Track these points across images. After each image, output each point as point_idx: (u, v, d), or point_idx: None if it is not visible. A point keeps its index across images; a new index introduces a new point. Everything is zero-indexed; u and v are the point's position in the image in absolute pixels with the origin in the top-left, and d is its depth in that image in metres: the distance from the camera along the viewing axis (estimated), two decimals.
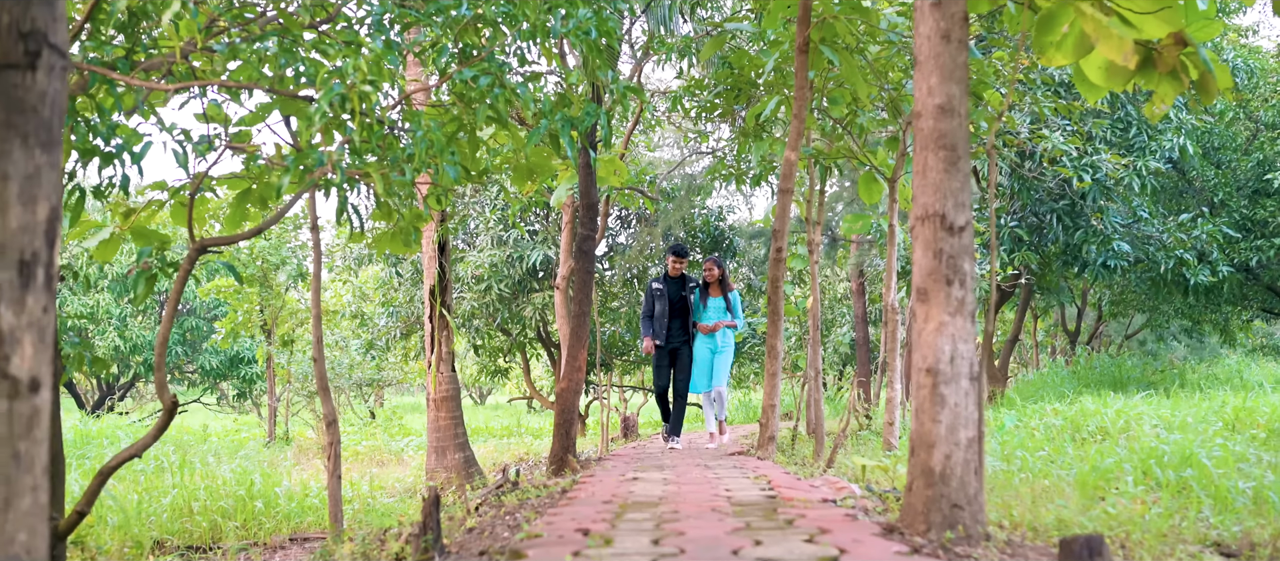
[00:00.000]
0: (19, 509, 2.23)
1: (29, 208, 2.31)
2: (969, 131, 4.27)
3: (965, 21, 4.19)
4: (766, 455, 8.33)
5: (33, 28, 2.35)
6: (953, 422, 3.94)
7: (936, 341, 3.99)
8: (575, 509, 4.72)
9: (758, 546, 3.40)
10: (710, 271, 10.63)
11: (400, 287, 18.80)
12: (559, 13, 5.85)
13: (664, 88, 16.66)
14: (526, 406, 31.69)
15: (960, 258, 4.03)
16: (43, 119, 2.35)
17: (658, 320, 10.68)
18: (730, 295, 10.60)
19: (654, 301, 10.72)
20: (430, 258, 10.76)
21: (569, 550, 3.38)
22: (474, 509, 5.78)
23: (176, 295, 5.53)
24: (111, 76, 4.82)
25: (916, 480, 3.99)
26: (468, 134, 6.21)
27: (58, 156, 2.39)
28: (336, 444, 7.04)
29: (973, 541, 3.80)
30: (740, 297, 10.82)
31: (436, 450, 10.91)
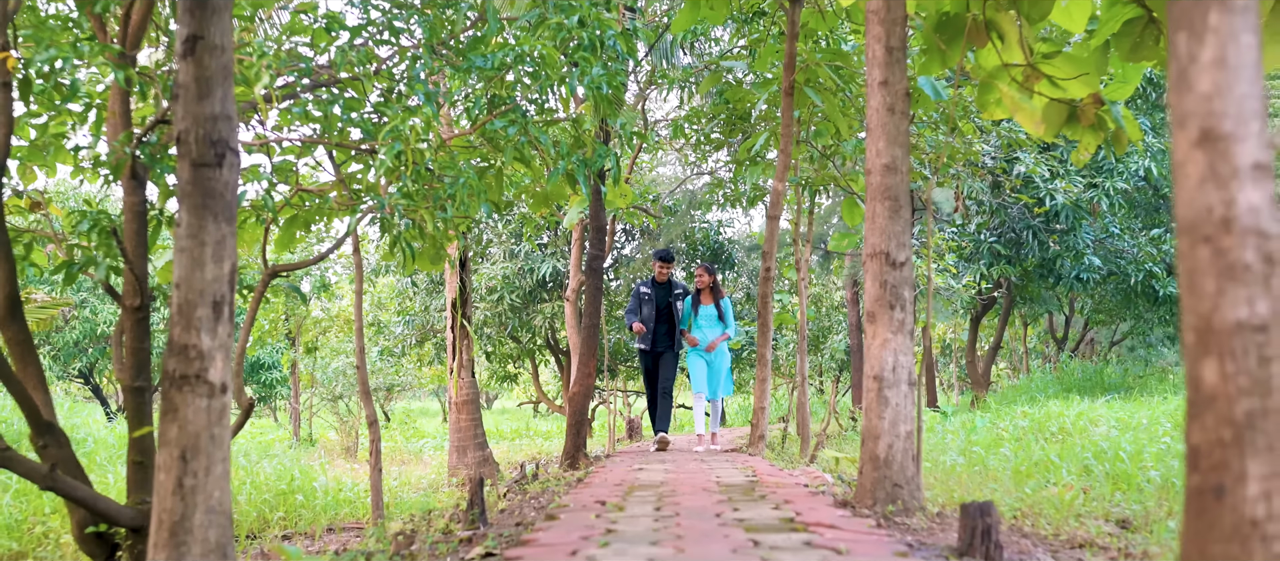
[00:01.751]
0: (215, 474, 3.26)
1: (218, 264, 3.35)
2: (909, 184, 5.26)
3: (907, 97, 5.21)
4: (757, 452, 9.36)
5: (220, 137, 3.38)
6: (894, 419, 4.95)
7: (881, 354, 5.01)
8: (591, 490, 5.76)
9: (735, 511, 4.42)
10: (701, 278, 10.81)
11: (416, 297, 19.85)
12: (576, 71, 6.86)
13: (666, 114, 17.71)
14: (533, 410, 32.66)
15: (901, 287, 5.05)
16: (226, 201, 3.39)
17: (644, 322, 10.83)
18: (722, 302, 10.83)
19: (640, 304, 10.90)
20: (452, 273, 11.79)
21: (591, 514, 4.41)
22: (503, 495, 6.82)
23: (253, 313, 6.60)
24: None
25: (865, 465, 5.00)
26: (495, 172, 7.23)
27: (235, 227, 3.44)
28: (377, 441, 8.06)
29: (909, 513, 4.80)
30: (732, 304, 11.39)
31: (458, 449, 11.95)
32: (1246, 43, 1.62)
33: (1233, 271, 1.62)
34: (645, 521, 4.14)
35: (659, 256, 10.91)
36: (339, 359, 20.17)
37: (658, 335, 10.89)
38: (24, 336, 5.92)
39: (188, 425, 3.22)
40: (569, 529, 3.97)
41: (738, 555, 3.13)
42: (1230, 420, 1.61)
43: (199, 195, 3.32)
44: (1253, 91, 1.63)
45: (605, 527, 3.94)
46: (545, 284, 18.93)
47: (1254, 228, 1.62)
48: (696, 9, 8.97)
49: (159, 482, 3.25)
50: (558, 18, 6.75)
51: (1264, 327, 1.62)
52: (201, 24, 3.40)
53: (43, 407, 5.77)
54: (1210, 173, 1.63)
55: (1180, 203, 1.71)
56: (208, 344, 3.27)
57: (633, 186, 13.60)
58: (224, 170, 3.36)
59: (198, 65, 3.37)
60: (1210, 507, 1.63)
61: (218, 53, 3.40)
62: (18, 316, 5.92)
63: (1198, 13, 1.65)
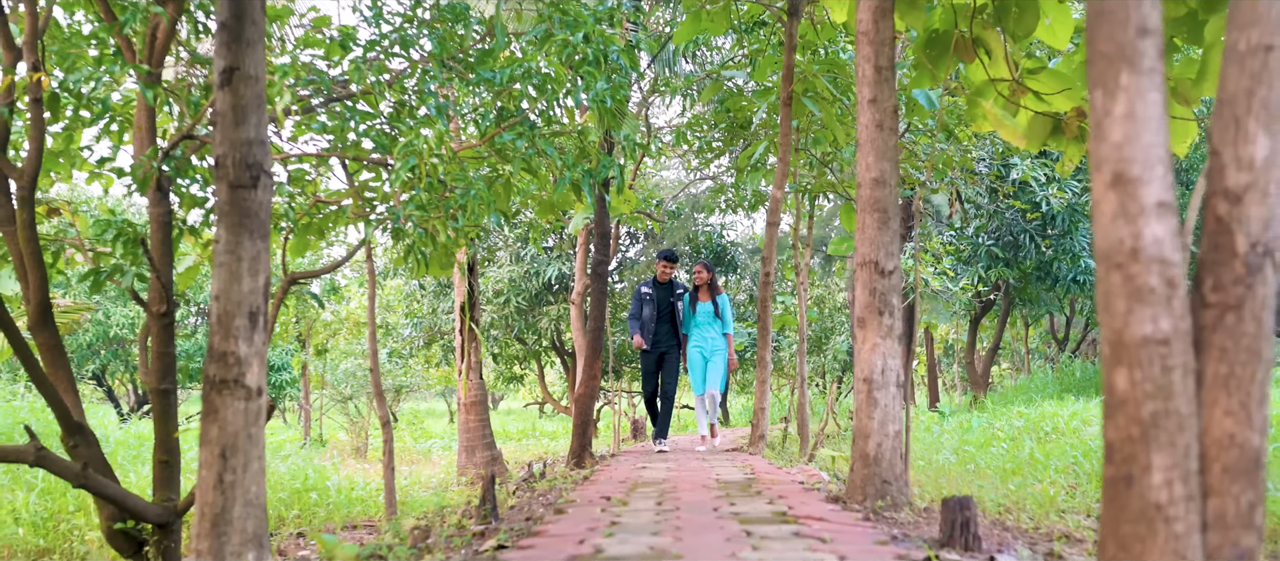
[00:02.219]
0: (252, 470, 3.55)
1: (253, 278, 3.64)
2: (897, 197, 5.55)
3: (895, 114, 5.49)
4: (757, 451, 9.65)
5: (254, 160, 3.66)
6: (883, 419, 5.24)
7: (871, 358, 5.29)
8: (597, 486, 6.05)
9: (732, 505, 4.71)
10: (699, 275, 10.79)
11: (423, 300, 20.17)
12: (581, 85, 7.14)
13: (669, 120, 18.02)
14: (539, 411, 32.95)
15: (889, 294, 5.34)
16: (260, 220, 3.68)
17: (645, 324, 10.77)
18: (719, 298, 10.80)
19: (642, 304, 10.83)
20: (460, 277, 12.09)
21: (597, 508, 4.70)
22: (512, 493, 7.11)
23: (273, 320, 6.88)
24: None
25: (856, 463, 5.29)
26: (503, 182, 7.52)
27: (268, 243, 3.73)
28: (390, 441, 8.36)
29: (897, 508, 5.09)
30: (730, 301, 11.35)
31: (466, 449, 12.25)
32: (1152, 99, 1.90)
33: (1140, 294, 1.90)
34: (647, 514, 4.43)
35: (663, 256, 10.84)
36: (348, 360, 20.48)
37: (660, 335, 10.86)
38: (55, 341, 6.23)
39: (227, 425, 3.50)
40: (576, 522, 4.26)
41: (731, 543, 3.42)
42: (1138, 420, 1.89)
43: (236, 214, 3.61)
44: (1158, 140, 1.91)
45: (610, 520, 4.24)
46: (551, 287, 19.23)
47: (1158, 257, 1.90)
48: (698, 21, 9.26)
49: (201, 478, 3.54)
50: (563, 34, 7.02)
51: (1166, 341, 1.90)
52: (237, 56, 3.68)
53: (73, 409, 6.07)
54: (1121, 210, 1.92)
55: (1097, 235, 1.99)
56: (245, 351, 3.56)
57: (636, 192, 13.88)
58: (258, 191, 3.65)
59: (234, 94, 3.66)
60: (1122, 494, 1.91)
61: (252, 82, 3.69)
62: (49, 322, 6.23)
63: (1111, 73, 1.93)
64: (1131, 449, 1.90)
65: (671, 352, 10.85)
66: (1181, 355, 1.90)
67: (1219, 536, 1.89)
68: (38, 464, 5.69)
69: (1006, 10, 6.06)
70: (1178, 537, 1.86)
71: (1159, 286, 1.90)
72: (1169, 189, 1.92)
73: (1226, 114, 1.94)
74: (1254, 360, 1.90)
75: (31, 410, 15.14)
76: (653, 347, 10.82)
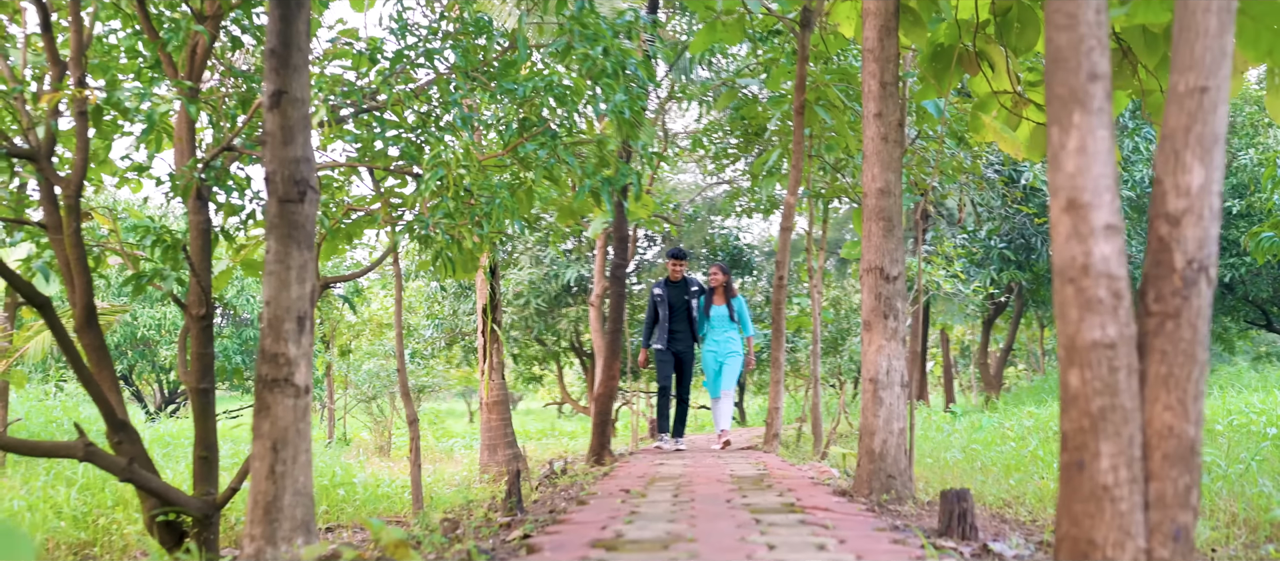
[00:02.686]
0: (300, 462, 3.85)
1: (301, 285, 3.94)
2: (902, 206, 5.82)
3: (900, 127, 5.77)
4: (770, 449, 9.94)
5: (301, 177, 3.97)
6: (888, 417, 5.52)
7: (877, 359, 5.58)
8: (617, 481, 6.36)
9: (744, 498, 5.00)
10: (715, 277, 10.73)
11: (445, 301, 20.53)
12: (600, 96, 7.44)
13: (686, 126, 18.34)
14: (558, 411, 33.29)
15: (894, 298, 5.62)
16: (307, 232, 3.98)
17: (660, 325, 10.67)
18: (734, 301, 10.71)
19: (656, 307, 10.71)
20: (482, 280, 12.41)
21: (617, 500, 5.01)
22: (535, 488, 7.42)
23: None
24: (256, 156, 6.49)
25: (862, 459, 5.58)
26: (525, 189, 7.82)
27: (314, 253, 4.04)
28: (417, 439, 8.69)
29: (901, 501, 5.37)
30: (746, 303, 11.17)
31: (489, 447, 12.58)
32: (1101, 135, 2.19)
33: (1090, 304, 2.18)
34: (664, 505, 4.73)
35: (672, 254, 10.74)
36: (371, 361, 20.85)
37: (676, 334, 10.73)
38: (100, 342, 6.55)
39: (278, 421, 3.81)
40: (598, 511, 4.56)
41: (741, 529, 3.71)
42: (1088, 413, 2.17)
43: (285, 227, 3.92)
44: (1106, 171, 2.19)
45: (630, 510, 4.54)
46: (570, 289, 19.56)
47: (1105, 272, 2.18)
48: (713, 31, 9.55)
49: (254, 470, 3.85)
50: (584, 48, 7.32)
51: (1113, 345, 2.18)
52: (285, 80, 4.00)
53: (117, 407, 6.39)
54: (1074, 231, 2.20)
55: (1054, 253, 2.27)
56: (294, 352, 3.88)
57: (653, 196, 14.18)
58: (305, 205, 3.97)
59: (282, 116, 3.98)
60: (1074, 477, 2.19)
61: (299, 104, 4.00)
62: (94, 324, 6.56)
63: (1065, 113, 2.21)
64: (1083, 438, 2.18)
65: (687, 352, 10.76)
66: (1126, 357, 2.18)
67: (1159, 514, 2.17)
68: (87, 459, 5.99)
69: (1008, 26, 6.34)
70: (1123, 515, 2.14)
71: (1106, 297, 2.18)
72: (1116, 213, 2.20)
73: (1167, 147, 2.23)
74: (1190, 362, 2.18)
75: (65, 409, 15.55)
76: (668, 347, 10.70)
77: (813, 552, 3.14)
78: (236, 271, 8.22)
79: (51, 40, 6.18)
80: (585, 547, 3.39)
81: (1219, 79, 2.19)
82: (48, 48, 6.29)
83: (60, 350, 6.43)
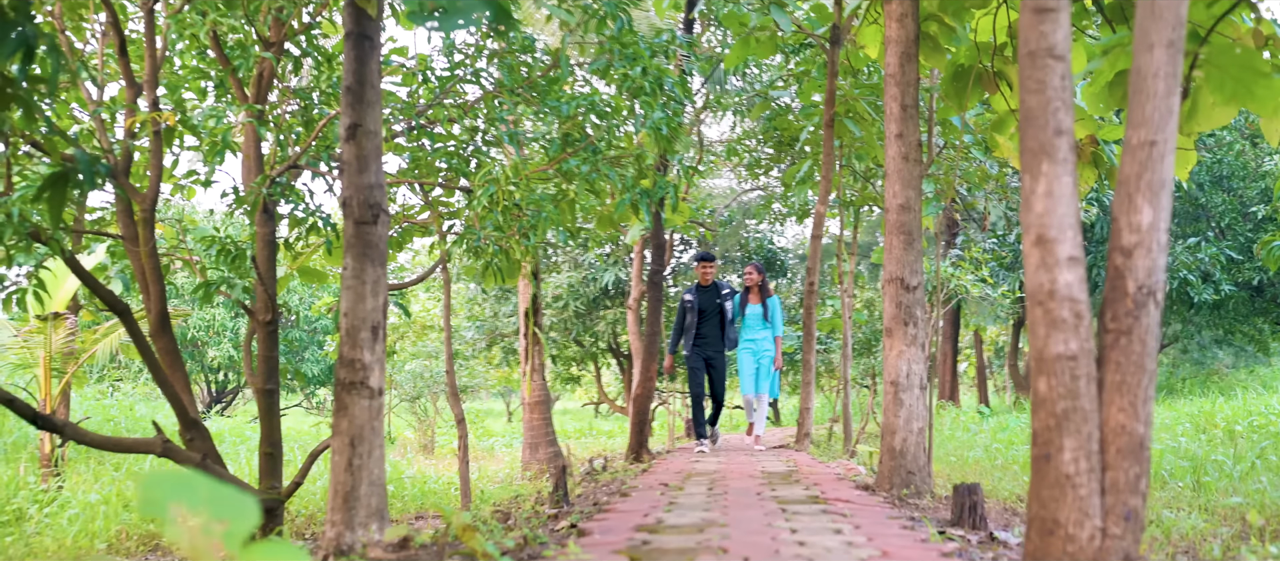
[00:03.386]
0: (375, 456, 4.31)
1: (375, 298, 4.40)
2: (921, 220, 6.23)
3: (919, 147, 6.19)
4: (801, 448, 10.37)
5: (375, 201, 4.43)
6: (908, 417, 5.94)
7: (897, 363, 5.99)
8: (656, 476, 6.81)
9: (773, 491, 5.44)
10: (750, 277, 10.70)
11: (485, 303, 21.06)
12: (639, 116, 7.87)
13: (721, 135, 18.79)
14: (595, 411, 33.78)
15: (914, 307, 6.03)
16: (380, 250, 4.44)
17: (689, 330, 10.66)
18: (769, 301, 10.71)
19: (685, 313, 10.71)
20: (525, 285, 12.90)
21: (656, 492, 5.46)
22: (578, 483, 7.88)
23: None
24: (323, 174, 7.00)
25: (884, 456, 6.00)
26: (568, 201, 8.28)
27: (386, 269, 4.51)
28: (465, 437, 9.18)
29: (919, 495, 5.79)
30: (780, 304, 11.18)
31: (530, 445, 13.07)
32: (1065, 182, 2.61)
33: (1055, 323, 2.60)
34: (700, 496, 5.18)
35: (701, 258, 10.79)
36: (415, 362, 21.40)
37: (708, 338, 10.70)
38: (173, 346, 7.06)
39: (355, 419, 4.28)
40: (639, 502, 5.02)
41: (768, 517, 4.16)
42: (1054, 414, 2.59)
43: (360, 246, 4.40)
44: (1069, 211, 2.61)
45: (668, 501, 4.99)
46: (608, 292, 20.04)
47: (1068, 296, 2.60)
48: (746, 46, 9.99)
49: (334, 463, 4.32)
50: (624, 68, 7.76)
51: (1075, 357, 2.59)
52: (360, 114, 4.48)
53: (189, 406, 6.88)
54: (1042, 262, 2.62)
55: (1026, 280, 2.69)
56: (369, 358, 4.35)
57: (689, 202, 14.61)
58: (378, 226, 4.44)
59: (358, 147, 4.45)
60: (1043, 467, 2.61)
61: (372, 136, 4.48)
62: (167, 329, 7.07)
63: (1036, 163, 2.63)
64: (1049, 435, 2.60)
65: (718, 357, 10.74)
66: (1086, 367, 2.60)
67: (1113, 498, 2.58)
68: (164, 454, 6.48)
69: None
70: (1082, 499, 2.56)
71: (1069, 317, 2.60)
72: (1078, 247, 2.62)
73: (1122, 191, 2.64)
74: (1141, 372, 2.59)
75: (120, 409, 16.16)
76: (699, 351, 10.71)
77: (829, 536, 3.58)
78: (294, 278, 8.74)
79: (127, 64, 6.64)
80: (630, 531, 3.84)
81: (1166, 133, 2.61)
82: (124, 71, 6.75)
83: (137, 352, 6.91)
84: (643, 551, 3.35)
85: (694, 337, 10.64)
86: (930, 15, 6.81)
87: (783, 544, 3.41)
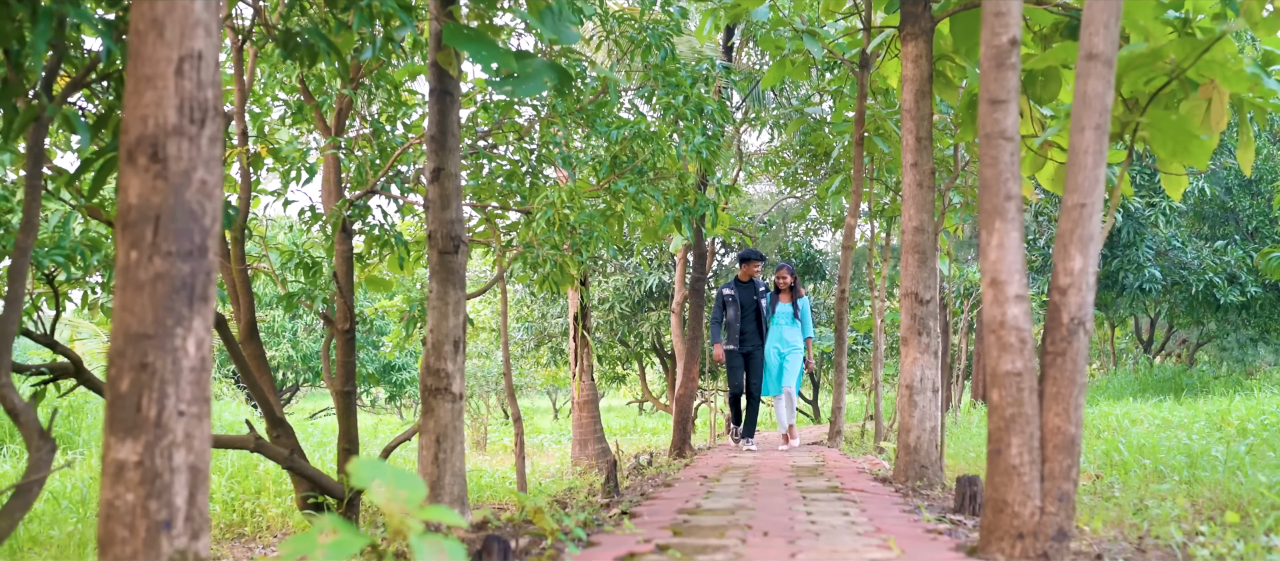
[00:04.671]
0: (457, 451, 5.09)
1: (456, 316, 5.17)
2: (936, 240, 6.93)
3: (932, 174, 6.89)
4: (833, 445, 11.09)
5: (455, 234, 5.19)
6: (921, 417, 6.65)
7: (912, 369, 6.71)
8: (696, 470, 7.58)
9: (799, 482, 6.19)
10: (782, 278, 11.10)
11: (534, 306, 21.91)
12: (680, 140, 8.60)
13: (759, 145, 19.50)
14: (638, 409, 34.55)
15: (927, 318, 6.74)
16: (460, 276, 5.21)
17: (730, 326, 10.90)
18: (800, 302, 11.10)
19: (725, 306, 10.97)
20: (574, 291, 13.70)
21: (697, 483, 6.23)
22: (625, 476, 8.65)
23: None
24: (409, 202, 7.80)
25: (900, 452, 6.72)
26: (616, 218, 9.04)
27: (464, 292, 5.28)
28: (521, 434, 9.96)
29: (931, 487, 6.50)
30: (810, 305, 11.36)
31: (579, 442, 13.87)
32: (1014, 237, 3.33)
33: (1005, 347, 3.33)
34: (734, 487, 5.94)
35: (743, 257, 11.12)
36: (469, 362, 22.29)
37: (746, 334, 10.97)
38: (260, 352, 7.86)
39: (440, 420, 5.05)
40: (681, 491, 5.78)
41: (790, 502, 4.91)
42: (1004, 418, 3.32)
43: (444, 272, 5.17)
44: (1016, 258, 3.33)
45: (706, 491, 5.75)
46: (652, 294, 20.83)
47: (1016, 327, 3.33)
48: (782, 68, 10.71)
49: (421, 457, 5.11)
50: (666, 97, 8.50)
51: (1020, 374, 3.32)
52: (443, 160, 5.25)
53: (275, 406, 7.68)
54: (995, 299, 3.35)
55: (983, 312, 3.43)
56: (451, 367, 5.12)
57: (729, 211, 15.32)
58: (458, 255, 5.22)
59: (441, 188, 5.22)
60: (995, 460, 3.34)
61: (452, 178, 5.25)
62: (255, 336, 7.89)
63: (990, 222, 3.36)
64: (1000, 435, 3.33)
65: (757, 352, 10.98)
66: (1029, 382, 3.33)
67: (1049, 484, 3.31)
68: (257, 449, 7.27)
69: (1033, 80, 7.41)
70: (1025, 484, 3.29)
71: (1016, 343, 3.33)
72: (1024, 286, 3.35)
73: (1060, 243, 3.36)
74: (1073, 385, 3.31)
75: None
76: (739, 347, 10.97)
77: (837, 517, 4.33)
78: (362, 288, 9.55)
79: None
80: (673, 513, 4.61)
81: (1093, 197, 3.33)
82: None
83: (230, 357, 7.68)
84: (683, 527, 4.12)
85: (737, 334, 10.92)
86: (943, 55, 7.49)
87: (797, 522, 4.16)
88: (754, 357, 10.99)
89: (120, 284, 2.35)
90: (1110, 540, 4.10)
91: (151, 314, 2.31)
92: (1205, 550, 3.81)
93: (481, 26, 6.17)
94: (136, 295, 2.33)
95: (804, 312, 11.15)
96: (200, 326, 2.39)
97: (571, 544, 3.73)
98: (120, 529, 2.29)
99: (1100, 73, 3.31)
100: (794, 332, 11.14)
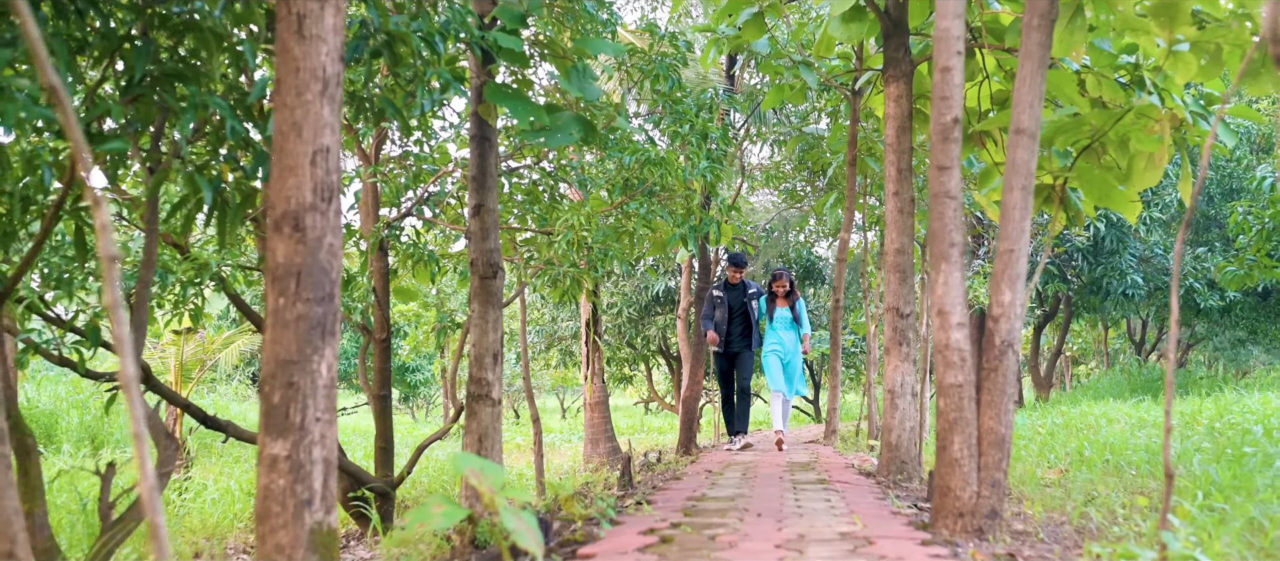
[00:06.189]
0: (495, 450, 5.92)
1: (495, 332, 6.00)
2: (913, 261, 7.75)
3: (912, 201, 7.72)
4: (828, 443, 11.92)
5: (494, 261, 6.02)
6: (902, 418, 7.48)
7: (894, 376, 7.54)
8: (701, 465, 8.42)
9: (792, 476, 7.02)
10: (779, 284, 11.22)
11: (544, 310, 22.77)
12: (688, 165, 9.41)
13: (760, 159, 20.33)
14: (645, 409, 35.38)
15: (907, 330, 7.57)
16: (499, 297, 6.03)
17: (718, 325, 11.03)
18: (797, 304, 11.18)
19: (714, 307, 11.11)
20: (585, 298, 14.53)
21: (702, 477, 7.07)
22: (637, 471, 9.49)
23: (462, 342, 9.32)
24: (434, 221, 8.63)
25: (883, 449, 7.55)
26: (627, 235, 9.83)
27: (502, 312, 6.11)
28: (539, 433, 10.80)
29: (909, 480, 7.32)
30: (805, 306, 11.44)
31: (591, 441, 14.71)
32: (957, 277, 4.16)
33: (949, 364, 4.16)
34: (735, 479, 6.78)
35: (732, 260, 11.24)
36: None
37: (733, 335, 11.10)
38: None
39: (482, 422, 5.87)
40: (689, 484, 6.63)
41: (781, 492, 5.75)
42: (949, 421, 4.15)
43: (484, 295, 6.00)
44: (958, 294, 4.16)
45: (711, 483, 6.59)
46: (659, 299, 21.67)
47: (958, 348, 4.16)
48: (781, 91, 11.53)
49: (466, 451, 5.87)
50: (673, 126, 9.30)
51: (961, 386, 4.15)
52: (483, 197, 6.06)
53: None
54: (942, 326, 4.18)
55: (933, 336, 4.26)
56: (491, 377, 5.95)
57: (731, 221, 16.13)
58: (496, 280, 6.05)
59: (481, 221, 6.04)
60: (942, 454, 4.17)
61: (491, 213, 6.07)
62: None
63: (938, 263, 4.19)
64: (946, 434, 4.17)
65: (744, 352, 11.10)
66: (969, 392, 4.16)
67: (985, 474, 4.14)
68: None
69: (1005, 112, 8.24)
70: (965, 474, 4.13)
71: (958, 361, 4.16)
72: (964, 315, 4.18)
73: (994, 281, 4.19)
74: (1003, 395, 4.14)
75: (216, 407, 17.92)
76: (725, 348, 11.11)
77: (820, 502, 5.17)
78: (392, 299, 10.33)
79: None
80: (682, 500, 5.45)
81: (1020, 244, 4.16)
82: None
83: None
84: (692, 511, 4.96)
85: (723, 335, 11.05)
86: (922, 94, 8.31)
87: (786, 507, 5.00)
88: (741, 357, 11.13)
89: (271, 323, 3.17)
90: (1043, 522, 4.94)
91: (295, 346, 3.13)
92: (1117, 528, 4.64)
93: (516, 80, 7.02)
94: (283, 331, 3.15)
95: (801, 314, 11.27)
96: (330, 354, 3.22)
97: (604, 522, 4.55)
98: (274, 506, 3.12)
99: (1026, 144, 4.15)
100: (793, 336, 11.24)
